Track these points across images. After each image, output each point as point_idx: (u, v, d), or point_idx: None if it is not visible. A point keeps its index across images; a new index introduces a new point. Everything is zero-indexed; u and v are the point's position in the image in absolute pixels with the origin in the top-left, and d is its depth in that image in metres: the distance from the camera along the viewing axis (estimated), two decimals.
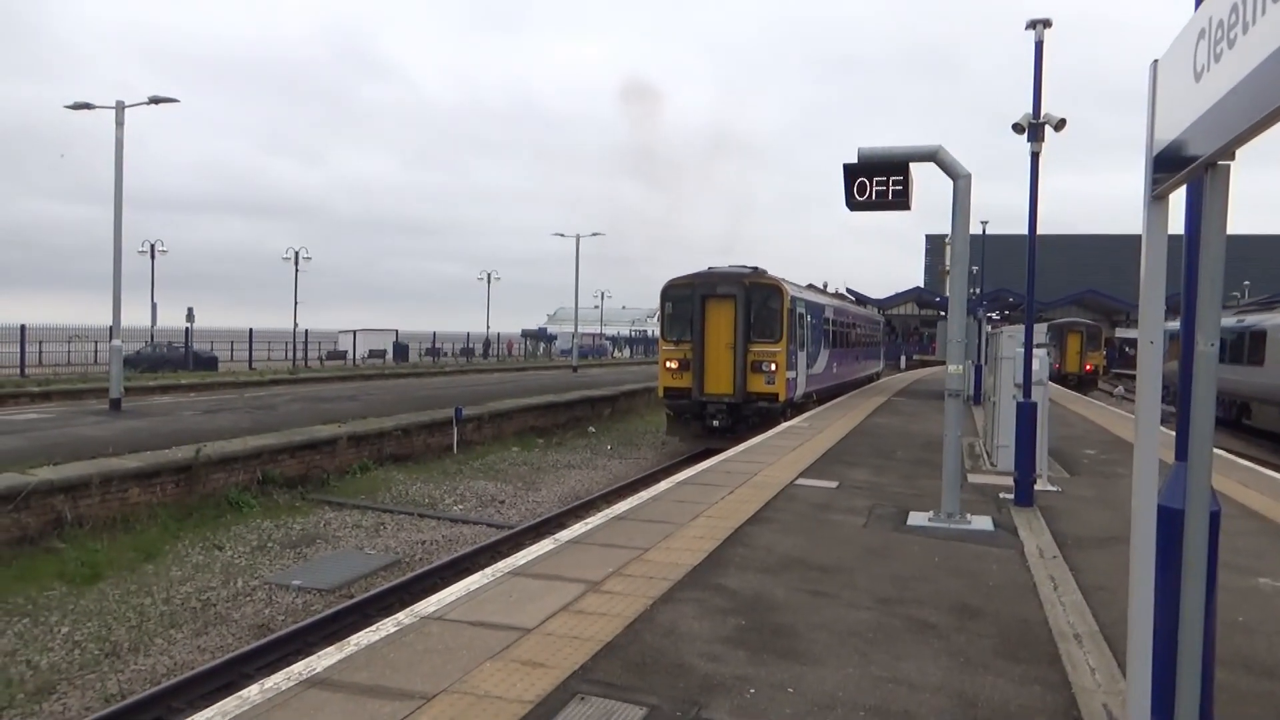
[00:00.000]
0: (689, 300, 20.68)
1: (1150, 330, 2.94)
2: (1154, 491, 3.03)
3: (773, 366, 20.23)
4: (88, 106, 20.93)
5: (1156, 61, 2.90)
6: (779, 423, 19.54)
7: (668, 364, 21.05)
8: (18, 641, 8.88)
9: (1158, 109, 2.86)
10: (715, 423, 20.29)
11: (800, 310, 22.18)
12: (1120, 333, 64.11)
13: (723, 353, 20.44)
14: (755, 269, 21.45)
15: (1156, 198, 2.89)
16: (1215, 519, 3.14)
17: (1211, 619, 3.23)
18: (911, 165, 9.21)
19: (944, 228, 9.46)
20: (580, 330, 60.94)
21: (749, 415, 20.28)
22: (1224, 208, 2.56)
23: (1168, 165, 2.78)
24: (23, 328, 33.30)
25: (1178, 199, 3.03)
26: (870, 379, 39.30)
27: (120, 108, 20.66)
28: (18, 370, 32.27)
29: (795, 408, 22.18)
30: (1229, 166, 2.56)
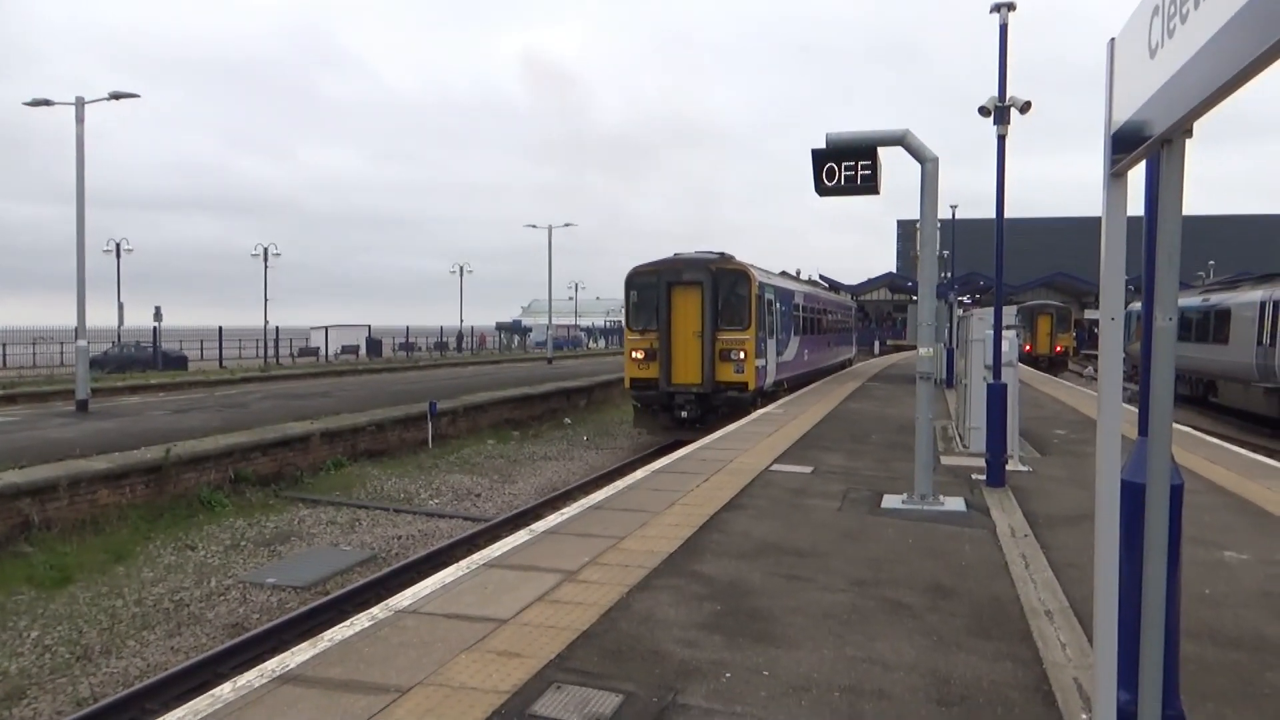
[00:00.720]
0: (654, 288, 20.14)
1: (1111, 307, 2.97)
2: (1117, 467, 3.07)
3: (741, 355, 19.84)
4: (47, 103, 20.55)
5: (1114, 40, 2.92)
6: (749, 412, 19.05)
7: (634, 354, 20.51)
8: None
9: (1115, 87, 2.88)
10: (684, 414, 19.90)
11: (769, 296, 21.81)
12: (1090, 314, 64.85)
13: (690, 341, 20.02)
14: (722, 254, 20.95)
15: (1115, 175, 2.91)
16: (1177, 492, 3.19)
17: (1175, 591, 3.28)
18: (880, 150, 9.25)
19: (915, 213, 9.51)
20: (555, 322, 60.79)
21: (718, 405, 19.88)
22: (1180, 183, 2.59)
23: (1125, 142, 2.81)
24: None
25: (1137, 179, 3.06)
26: (843, 365, 39.09)
27: (80, 104, 20.31)
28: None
29: (766, 397, 21.79)
30: (1184, 142, 2.59)
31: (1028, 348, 46.12)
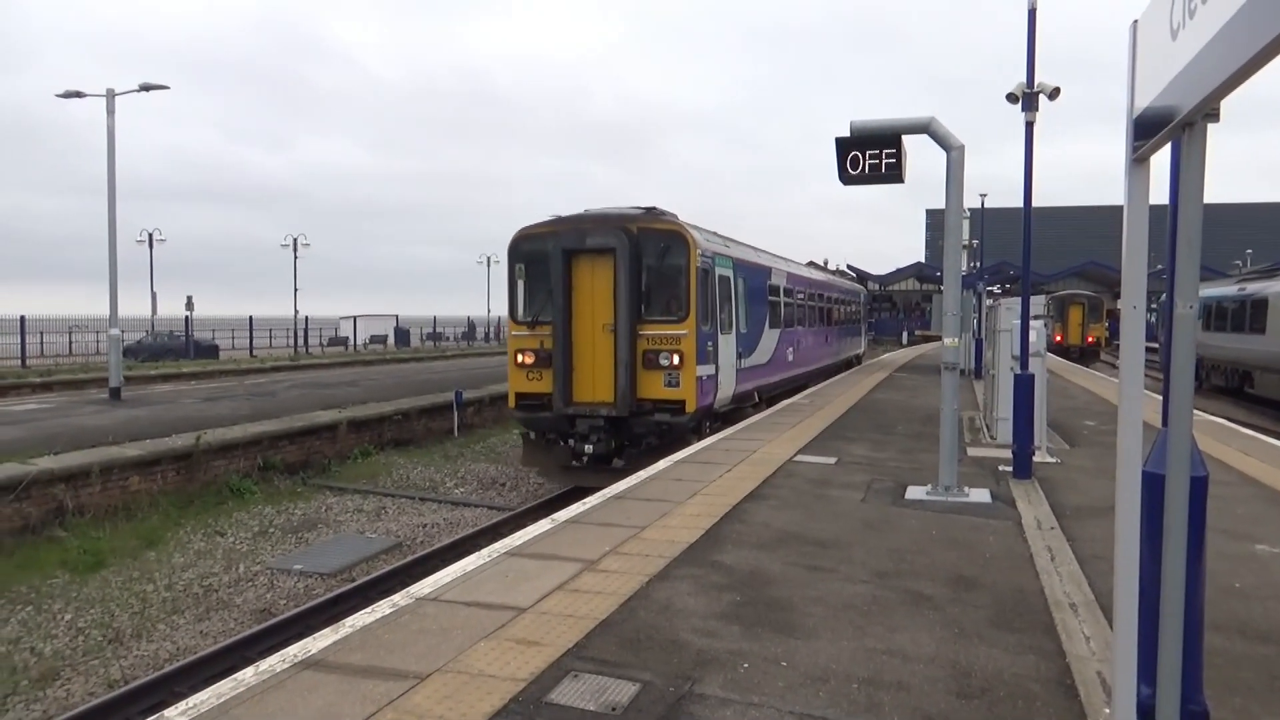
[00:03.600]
0: (548, 259, 13.84)
1: (1133, 295, 2.91)
2: (1138, 457, 3.02)
3: (675, 359, 13.53)
4: (79, 95, 20.84)
5: (1136, 22, 2.86)
6: (689, 442, 13.29)
7: (519, 358, 14.25)
8: (21, 629, 8.93)
9: (1137, 70, 2.82)
10: (588, 448, 13.65)
11: (723, 273, 15.29)
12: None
13: (598, 339, 13.79)
14: (650, 209, 14.52)
15: (1137, 160, 2.85)
16: (1201, 484, 3.13)
17: (1198, 584, 3.23)
18: (904, 138, 9.15)
19: (932, 201, 9.40)
20: None
21: (642, 435, 13.78)
22: (1201, 168, 2.53)
23: (1147, 127, 2.75)
24: (22, 319, 33.35)
25: (1161, 166, 3.00)
26: (849, 364, 32.73)
27: (110, 95, 20.57)
28: (19, 361, 32.35)
29: (720, 418, 15.72)
30: (1206, 126, 2.53)
31: (1059, 338, 45.58)
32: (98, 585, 10.17)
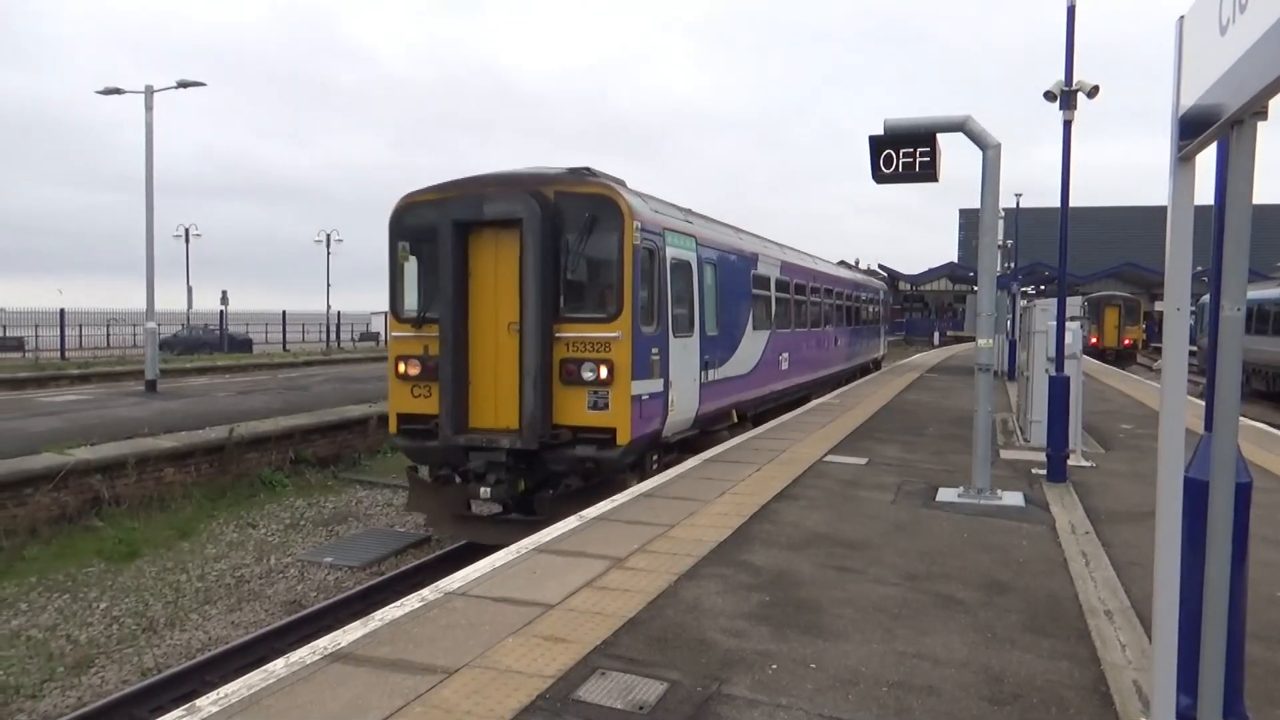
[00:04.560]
0: (437, 235, 10.33)
1: (1176, 297, 2.85)
2: (1180, 462, 2.96)
3: (602, 371, 10.06)
4: (118, 91, 21.21)
5: (1182, 18, 2.79)
6: (625, 485, 9.96)
7: (401, 367, 10.79)
8: (58, 616, 9.10)
9: (1183, 67, 2.76)
10: (485, 490, 10.06)
11: (679, 255, 11.59)
12: (1160, 306, 62.95)
13: (502, 343, 10.32)
14: (576, 169, 11.09)
15: (1182, 160, 2.79)
16: (1244, 490, 3.06)
17: (1241, 592, 3.16)
18: (939, 136, 9.05)
19: (965, 201, 9.28)
20: None
21: (561, 473, 10.30)
22: (1250, 167, 2.47)
23: (1193, 125, 2.69)
24: (62, 312, 33.99)
25: (1206, 165, 2.94)
26: (864, 370, 28.90)
27: (149, 92, 20.89)
28: (58, 354, 32.95)
29: (681, 446, 12.11)
30: (1255, 125, 2.46)
31: (1094, 340, 44.98)
32: (132, 574, 10.33)
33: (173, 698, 7.04)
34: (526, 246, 9.96)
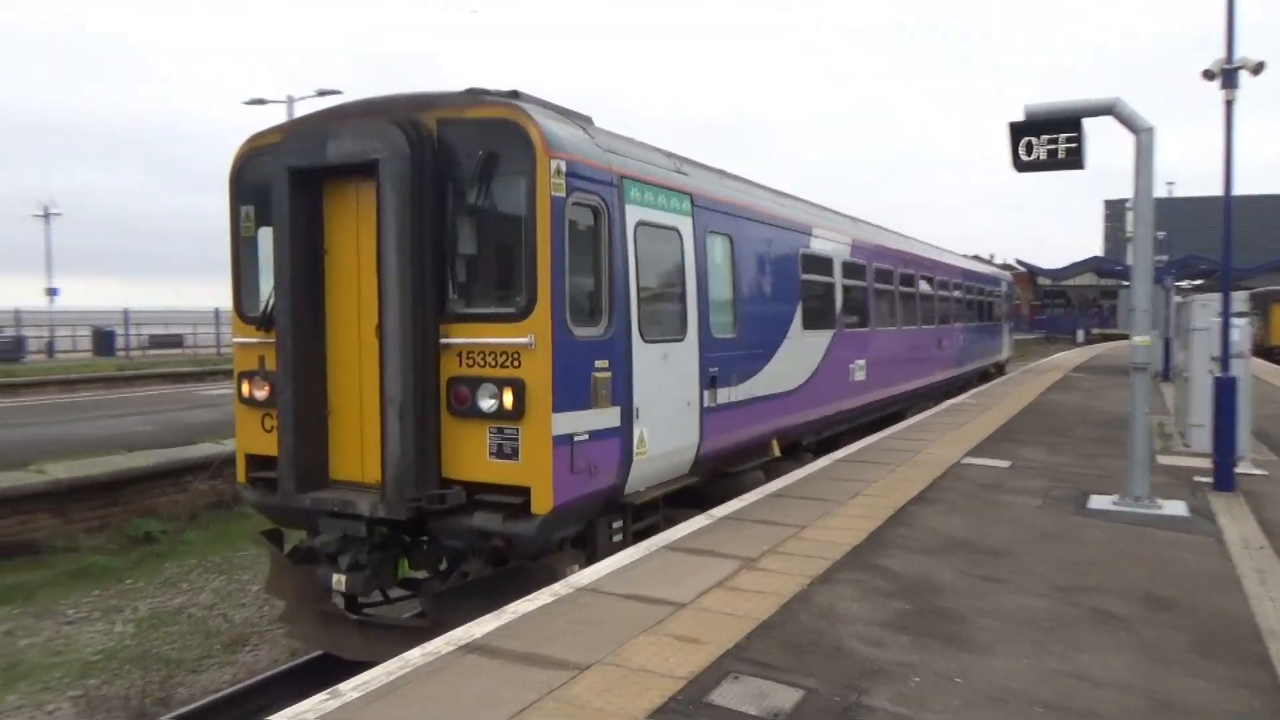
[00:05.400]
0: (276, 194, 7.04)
1: None
2: None
3: (507, 397, 6.46)
4: (261, 102, 22.50)
5: None
6: (562, 573, 6.47)
7: (245, 388, 7.65)
8: (215, 597, 9.65)
9: None
10: (337, 578, 6.78)
11: (655, 218, 7.88)
12: None
13: (366, 351, 6.96)
14: (471, 90, 7.00)
15: None
16: None
17: None
18: (1084, 121, 8.51)
19: (1108, 193, 8.68)
20: None
21: (452, 550, 6.96)
22: None
23: None
24: (217, 311, 36.25)
25: None
26: (984, 375, 24.91)
27: (290, 101, 22.06)
28: (214, 350, 35.23)
29: (653, 509, 8.14)
30: None
31: (1260, 338, 41.70)
32: None
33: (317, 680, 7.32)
34: (386, 204, 6.52)
